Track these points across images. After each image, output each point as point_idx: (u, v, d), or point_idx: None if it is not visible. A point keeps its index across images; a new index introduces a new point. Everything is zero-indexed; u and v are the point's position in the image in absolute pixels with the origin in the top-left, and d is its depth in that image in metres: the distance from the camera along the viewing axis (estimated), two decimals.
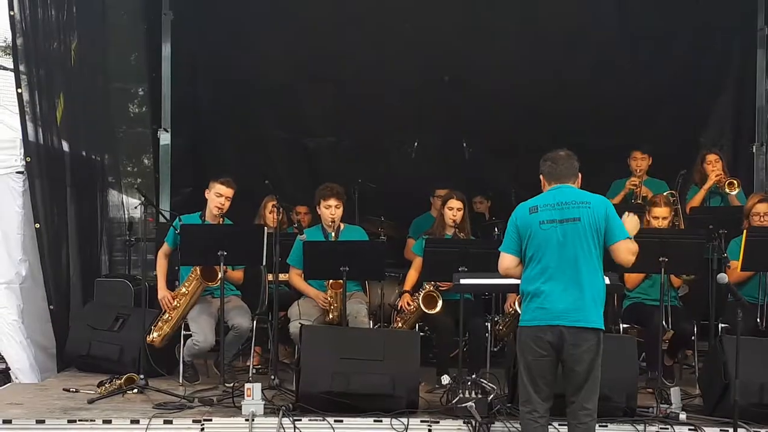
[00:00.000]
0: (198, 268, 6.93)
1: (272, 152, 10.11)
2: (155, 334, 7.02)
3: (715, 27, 9.70)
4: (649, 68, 9.72)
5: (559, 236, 5.05)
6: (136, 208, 8.85)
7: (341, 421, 5.93)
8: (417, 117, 10.06)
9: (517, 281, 5.26)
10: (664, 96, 9.82)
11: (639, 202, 8.38)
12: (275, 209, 7.33)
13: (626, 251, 5.16)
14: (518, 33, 9.58)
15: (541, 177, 5.28)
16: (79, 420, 5.94)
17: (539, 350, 5.04)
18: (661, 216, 7.18)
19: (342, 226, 7.25)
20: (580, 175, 5.26)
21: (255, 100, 9.94)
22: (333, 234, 7.13)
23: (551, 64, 9.64)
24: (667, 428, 5.99)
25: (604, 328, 5.08)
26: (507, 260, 5.25)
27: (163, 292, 7.10)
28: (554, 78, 9.69)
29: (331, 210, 7.11)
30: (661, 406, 6.21)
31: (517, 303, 6.99)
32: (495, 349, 7.75)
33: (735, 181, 8.21)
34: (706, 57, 9.82)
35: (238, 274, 7.26)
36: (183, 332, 7.05)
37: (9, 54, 7.07)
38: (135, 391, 6.65)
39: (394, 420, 5.94)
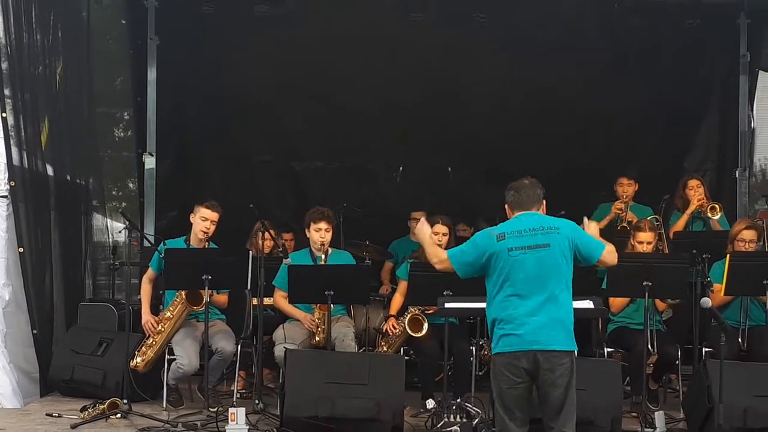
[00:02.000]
0: (184, 293, 6.93)
1: (259, 176, 10.11)
2: (139, 359, 7.00)
3: (698, 53, 9.81)
4: (634, 92, 9.79)
5: (528, 263, 5.07)
6: (120, 232, 8.85)
7: None
8: (404, 140, 10.08)
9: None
10: (650, 121, 9.89)
11: (624, 225, 8.44)
12: (261, 233, 7.33)
13: (611, 256, 5.24)
14: (504, 55, 9.63)
15: (506, 206, 5.33)
16: None
17: (513, 378, 5.04)
18: (645, 241, 7.23)
19: (330, 250, 7.27)
20: (544, 202, 5.31)
21: (241, 124, 9.96)
22: (322, 257, 7.14)
23: (537, 88, 9.69)
24: None
25: (576, 349, 5.11)
26: (443, 259, 5.32)
27: (147, 316, 7.10)
28: (540, 101, 9.73)
29: (321, 233, 7.14)
30: (646, 430, 6.24)
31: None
32: (480, 373, 7.74)
33: (717, 206, 8.28)
34: (689, 82, 9.91)
35: (222, 298, 7.26)
36: (167, 356, 7.03)
37: None
38: (118, 416, 6.63)
39: None
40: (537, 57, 9.60)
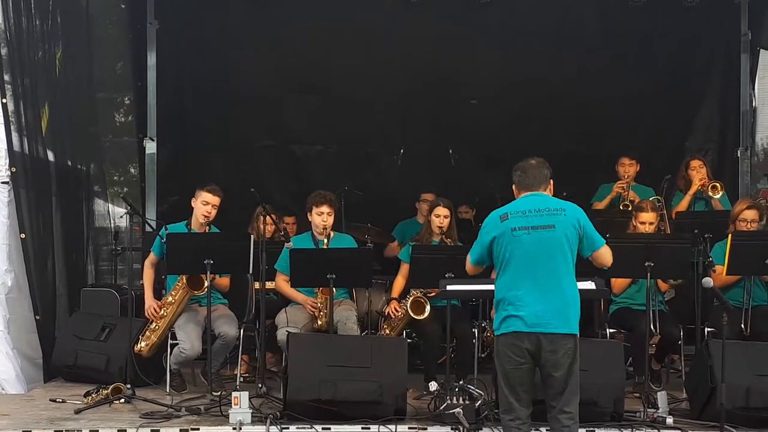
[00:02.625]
0: (184, 277, 6.92)
1: (259, 160, 10.10)
2: (143, 344, 7.01)
3: (699, 32, 9.76)
4: (635, 73, 9.76)
5: (532, 243, 5.06)
6: (122, 217, 8.84)
7: (329, 428, 5.93)
8: (403, 124, 10.08)
9: (488, 285, 5.30)
10: (650, 101, 9.86)
11: (626, 204, 8.42)
12: (262, 216, 7.31)
13: (608, 256, 5.23)
14: (503, 39, 9.61)
15: (513, 187, 5.31)
16: (66, 430, 5.93)
17: (517, 358, 5.05)
18: (647, 221, 7.21)
19: (332, 233, 7.25)
20: (551, 182, 5.29)
21: (242, 108, 9.93)
22: (325, 241, 7.13)
23: (537, 71, 9.66)
24: None
25: (578, 333, 5.10)
26: (468, 265, 5.42)
27: (149, 301, 7.09)
28: (540, 84, 9.71)
29: (323, 217, 7.12)
30: (648, 410, 6.24)
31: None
32: (482, 356, 7.77)
33: (718, 185, 8.26)
34: (690, 62, 9.88)
35: (224, 282, 7.25)
36: (170, 341, 7.03)
37: None
38: (122, 400, 6.63)
39: (382, 427, 5.95)
40: (536, 41, 9.56)
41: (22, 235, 7.17)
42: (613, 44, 9.70)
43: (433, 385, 6.99)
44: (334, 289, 6.80)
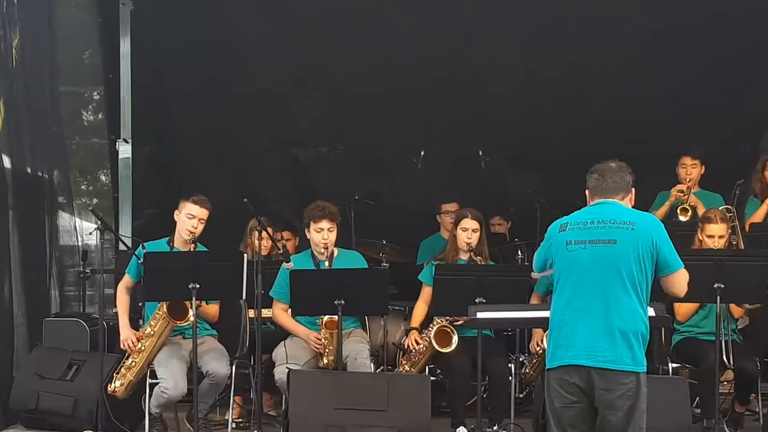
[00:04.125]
0: (165, 304, 6.92)
1: (254, 165, 10.12)
2: (117, 383, 7.00)
3: (763, 11, 9.66)
4: (698, 59, 9.68)
5: (587, 260, 5.03)
6: (91, 233, 8.85)
7: None
8: (424, 122, 10.06)
9: (546, 313, 5.26)
10: (716, 95, 9.79)
11: (685, 208, 8.38)
12: (257, 231, 7.30)
13: (682, 282, 5.18)
14: (539, 24, 9.59)
15: (586, 192, 5.29)
16: None
17: (567, 395, 5.01)
18: (716, 234, 7.16)
19: (336, 251, 7.24)
20: (633, 191, 5.26)
21: (233, 104, 9.94)
22: (326, 262, 7.11)
23: (579, 59, 9.64)
24: None
25: (644, 370, 5.04)
26: (534, 273, 5.48)
27: (125, 332, 7.09)
28: (584, 74, 9.69)
29: (323, 234, 7.11)
30: None
31: (544, 339, 6.98)
32: (520, 396, 7.73)
33: None
34: (758, 47, 9.78)
35: (213, 310, 7.25)
36: (149, 380, 7.02)
37: None
38: None
39: None
40: (576, 26, 9.53)
41: None
42: (671, 27, 9.62)
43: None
44: (341, 318, 6.76)
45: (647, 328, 5.06)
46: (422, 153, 9.91)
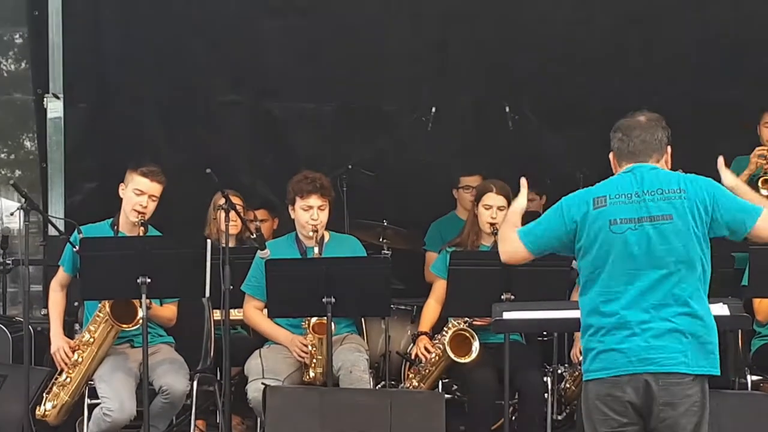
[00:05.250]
0: (107, 304, 6.94)
1: (219, 125, 10.11)
2: (48, 405, 7.02)
3: None
4: None
5: (639, 243, 5.02)
6: (12, 214, 8.83)
7: None
8: (436, 70, 10.07)
9: (578, 313, 5.25)
10: None
11: (767, 178, 8.42)
12: (224, 211, 7.33)
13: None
14: None
15: (611, 156, 5.28)
16: None
17: (617, 417, 5.01)
18: None
19: (327, 235, 7.28)
20: (669, 149, 5.25)
21: (192, 48, 9.92)
22: (315, 248, 7.15)
23: None
24: None
25: (718, 373, 5.07)
26: (510, 244, 5.39)
27: (57, 341, 7.12)
28: (643, 17, 9.71)
29: (312, 213, 7.14)
30: None
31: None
32: (559, 418, 7.78)
33: None
34: None
35: (168, 312, 7.29)
36: (87, 400, 7.06)
37: None
38: None
39: None
40: None
41: None
42: None
43: None
44: (332, 323, 6.80)
45: (713, 321, 5.08)
46: (433, 110, 9.92)
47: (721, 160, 5.42)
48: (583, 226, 5.12)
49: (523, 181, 5.71)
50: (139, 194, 7.11)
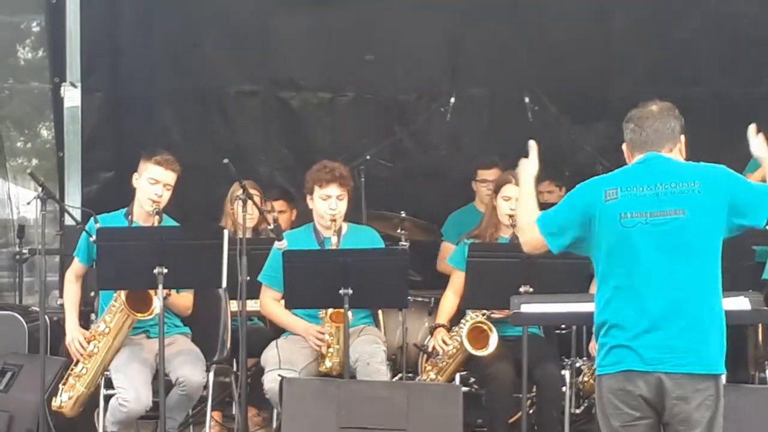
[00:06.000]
0: (123, 294, 6.95)
1: (235, 115, 10.13)
2: (64, 397, 7.02)
3: None
4: None
5: (651, 239, 5.00)
6: (29, 203, 8.87)
7: None
8: (454, 61, 10.06)
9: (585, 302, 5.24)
10: None
11: None
12: (241, 201, 7.32)
13: None
14: None
15: (624, 147, 5.25)
16: None
17: (630, 411, 5.00)
18: None
19: (345, 227, 7.28)
20: (682, 138, 5.21)
21: (208, 38, 9.95)
22: (333, 239, 7.15)
23: None
24: None
25: (724, 372, 5.05)
26: (528, 233, 5.30)
27: (72, 332, 7.13)
28: (658, 2, 9.70)
29: (330, 202, 7.15)
30: None
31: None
32: (578, 411, 7.76)
33: None
34: None
35: (185, 302, 7.29)
36: (104, 390, 7.06)
37: None
38: None
39: None
40: None
41: None
42: None
43: None
44: (350, 311, 6.80)
45: (724, 319, 5.06)
46: (452, 100, 9.90)
47: (753, 127, 5.35)
48: (595, 217, 5.08)
49: (532, 144, 5.63)
50: (153, 183, 7.10)
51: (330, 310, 6.99)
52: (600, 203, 5.07)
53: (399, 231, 8.70)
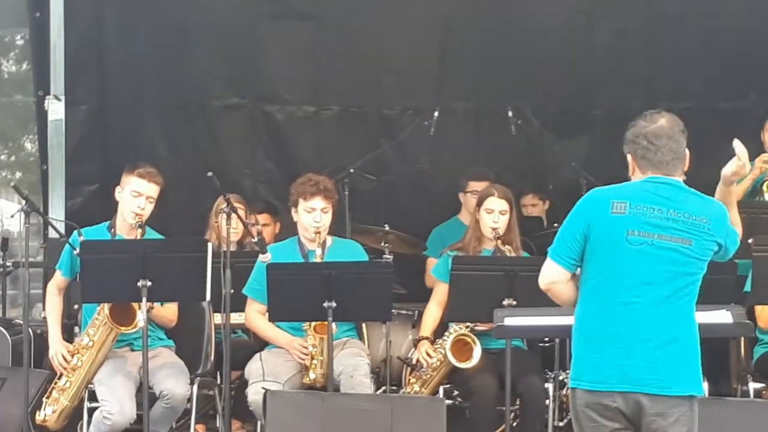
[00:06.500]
0: (107, 307, 6.94)
1: (220, 128, 10.12)
2: (48, 411, 7.01)
3: None
4: None
5: (652, 260, 4.99)
6: (13, 216, 8.84)
7: None
8: (438, 74, 10.08)
9: (568, 315, 5.23)
10: None
11: None
12: (225, 214, 7.32)
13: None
14: None
15: (629, 157, 5.22)
16: None
17: (606, 422, 4.98)
18: None
19: (329, 240, 7.29)
20: (687, 155, 5.21)
21: (193, 51, 9.95)
22: (318, 251, 7.15)
23: None
24: None
25: (700, 393, 5.06)
26: (553, 271, 5.16)
27: (56, 345, 7.12)
28: (643, 14, 9.72)
29: (315, 215, 7.15)
30: None
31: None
32: (560, 424, 7.77)
33: None
34: None
35: (169, 314, 7.28)
36: (87, 403, 7.05)
37: None
38: None
39: None
40: None
41: None
42: None
43: None
44: (334, 325, 6.81)
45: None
46: (436, 113, 9.91)
47: (737, 143, 5.34)
48: (597, 227, 5.02)
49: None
50: (136, 196, 7.09)
51: (314, 322, 7.01)
52: (605, 213, 5.01)
53: (383, 244, 8.70)
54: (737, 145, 5.26)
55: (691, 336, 5.03)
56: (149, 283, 6.69)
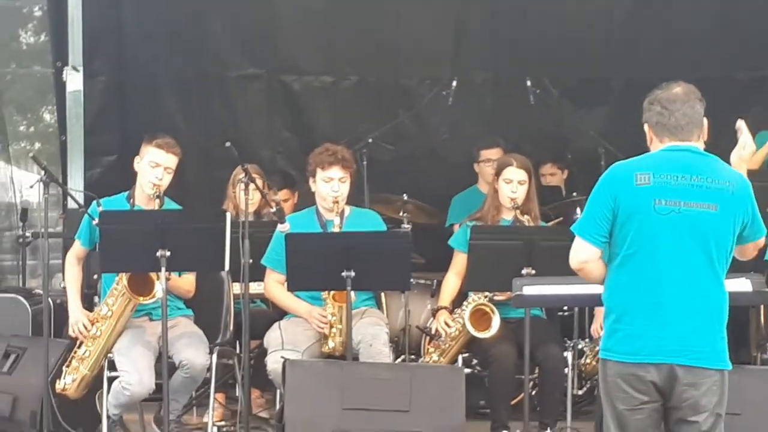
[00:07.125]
0: (125, 277, 6.95)
1: (237, 99, 10.13)
2: (68, 379, 7.02)
3: None
4: None
5: (682, 227, 4.96)
6: (32, 186, 8.85)
7: None
8: (455, 44, 10.06)
9: (599, 288, 5.21)
10: None
11: None
12: (243, 184, 7.32)
13: (757, 247, 5.16)
14: None
15: (646, 127, 5.20)
16: None
17: (637, 395, 4.97)
18: None
19: (347, 210, 7.27)
20: (706, 123, 5.18)
21: (210, 22, 9.94)
22: (336, 221, 7.14)
23: None
24: None
25: (730, 367, 5.05)
26: (585, 251, 5.11)
27: (75, 314, 7.12)
28: None
29: (333, 184, 7.14)
30: None
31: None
32: (580, 393, 7.78)
33: None
34: None
35: (187, 284, 7.28)
36: (107, 373, 7.06)
37: None
38: None
39: None
40: None
41: None
42: None
43: None
44: (353, 293, 6.81)
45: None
46: (454, 83, 9.89)
47: (740, 124, 5.32)
48: (624, 200, 5.00)
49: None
50: (154, 166, 7.09)
51: (333, 293, 7.01)
52: (630, 186, 4.99)
53: (401, 214, 8.70)
54: (740, 126, 5.26)
55: (722, 306, 5.02)
56: (168, 253, 6.68)
